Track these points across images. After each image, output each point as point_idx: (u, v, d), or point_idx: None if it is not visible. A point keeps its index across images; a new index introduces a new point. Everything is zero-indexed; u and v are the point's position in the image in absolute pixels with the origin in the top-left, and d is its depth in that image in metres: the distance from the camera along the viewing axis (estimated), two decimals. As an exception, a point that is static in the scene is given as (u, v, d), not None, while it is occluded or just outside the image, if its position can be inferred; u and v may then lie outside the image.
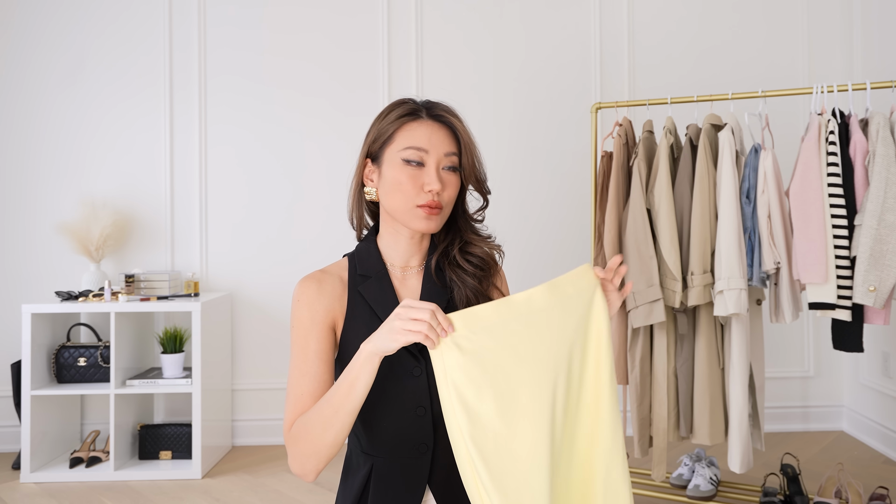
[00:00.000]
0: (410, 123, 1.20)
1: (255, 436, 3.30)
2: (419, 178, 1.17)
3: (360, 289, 1.21)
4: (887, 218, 2.00)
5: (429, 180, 1.16)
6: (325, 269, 1.24)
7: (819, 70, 3.34)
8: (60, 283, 3.22)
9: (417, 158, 1.17)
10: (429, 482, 1.19)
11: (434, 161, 1.18)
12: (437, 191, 1.16)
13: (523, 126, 3.35)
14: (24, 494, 2.69)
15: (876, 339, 3.06)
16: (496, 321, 1.05)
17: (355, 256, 1.26)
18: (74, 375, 2.94)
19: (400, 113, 1.21)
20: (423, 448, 1.18)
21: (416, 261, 1.26)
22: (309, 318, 1.17)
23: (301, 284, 1.20)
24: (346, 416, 1.06)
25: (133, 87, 3.29)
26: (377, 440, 1.20)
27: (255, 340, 3.32)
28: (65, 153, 3.27)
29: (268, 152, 3.32)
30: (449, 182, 1.19)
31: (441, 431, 1.19)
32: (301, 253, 3.29)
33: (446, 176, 1.19)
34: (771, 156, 2.20)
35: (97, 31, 3.28)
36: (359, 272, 1.23)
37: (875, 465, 2.89)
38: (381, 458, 1.20)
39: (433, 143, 1.18)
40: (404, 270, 1.25)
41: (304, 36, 3.33)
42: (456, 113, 1.23)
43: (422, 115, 1.21)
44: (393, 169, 1.19)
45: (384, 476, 1.19)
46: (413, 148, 1.18)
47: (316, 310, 1.18)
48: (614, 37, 3.36)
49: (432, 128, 1.20)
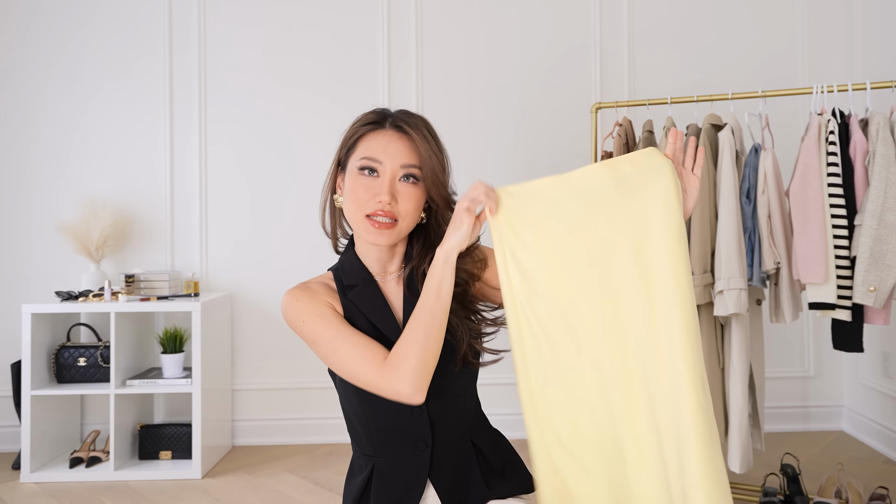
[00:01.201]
0: (371, 133, 1.19)
1: (255, 436, 3.30)
2: (372, 188, 1.16)
3: (350, 297, 1.21)
4: (887, 218, 2.00)
5: (378, 190, 1.15)
6: (309, 282, 1.24)
7: (819, 70, 3.34)
8: (60, 283, 3.22)
9: (371, 167, 1.16)
10: (429, 476, 1.20)
11: (389, 172, 1.16)
12: (386, 202, 1.14)
13: (523, 126, 3.35)
14: (24, 494, 2.69)
15: (876, 339, 3.05)
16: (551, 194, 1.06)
17: (339, 269, 1.26)
18: (74, 375, 2.94)
19: (364, 121, 1.21)
20: (421, 445, 1.19)
21: (393, 266, 1.25)
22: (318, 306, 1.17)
23: (291, 293, 1.19)
24: (441, 317, 1.09)
25: (133, 87, 3.29)
26: (377, 441, 1.21)
27: (255, 340, 3.32)
28: (64, 153, 3.27)
29: (268, 152, 3.32)
30: (405, 194, 1.16)
31: (439, 428, 1.20)
32: (301, 253, 3.29)
33: (403, 188, 1.16)
34: (771, 156, 2.20)
35: (97, 31, 3.28)
36: (345, 283, 1.23)
37: (875, 465, 2.89)
38: (382, 458, 1.21)
39: (389, 154, 1.16)
40: (383, 277, 1.25)
41: (304, 33, 3.32)
42: (420, 124, 1.19)
43: (384, 125, 1.19)
44: (351, 178, 1.19)
45: (385, 475, 1.20)
46: (367, 158, 1.17)
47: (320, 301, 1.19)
48: (614, 37, 3.36)
49: (390, 138, 1.18)
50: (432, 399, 1.18)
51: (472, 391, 1.28)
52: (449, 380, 1.19)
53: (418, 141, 1.17)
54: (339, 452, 3.15)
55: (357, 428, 1.23)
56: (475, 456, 1.25)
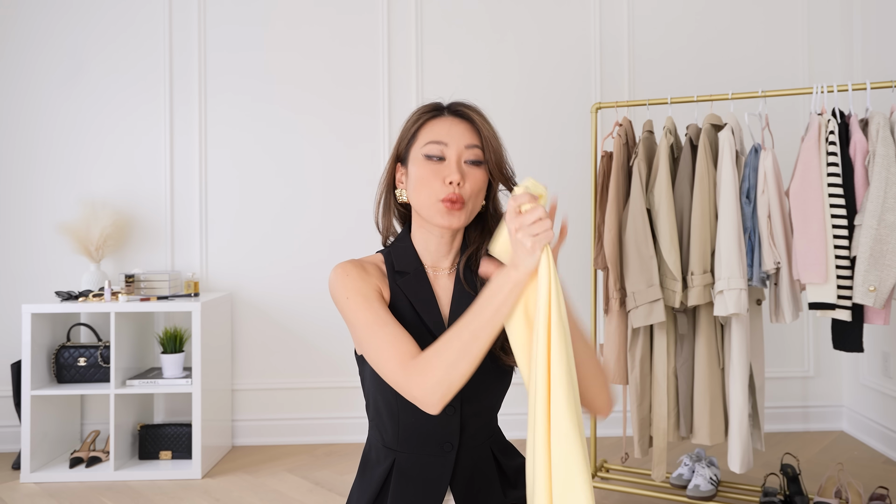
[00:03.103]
0: (431, 121, 1.22)
1: (255, 436, 3.30)
2: (441, 172, 1.17)
3: (400, 283, 1.20)
4: (887, 218, 2.00)
5: (448, 172, 1.16)
6: (361, 259, 1.23)
7: (819, 70, 3.34)
8: (60, 283, 3.22)
9: (438, 153, 1.18)
10: (450, 483, 1.19)
11: (455, 154, 1.18)
12: (457, 181, 1.15)
13: (523, 126, 3.35)
14: (24, 494, 2.69)
15: (876, 339, 3.05)
16: None
17: (391, 253, 1.25)
18: (74, 375, 2.94)
19: (422, 111, 1.24)
20: (447, 447, 1.18)
21: (447, 262, 1.25)
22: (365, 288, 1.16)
23: (343, 266, 1.18)
24: (484, 342, 1.04)
25: (133, 88, 3.29)
26: (402, 435, 1.19)
27: (255, 340, 3.32)
28: (65, 153, 3.27)
29: (268, 152, 3.32)
30: (470, 175, 1.18)
31: (467, 433, 1.19)
32: (301, 253, 3.29)
33: (468, 169, 1.19)
34: (771, 156, 2.20)
35: (98, 33, 3.28)
36: (396, 268, 1.22)
37: (875, 465, 2.89)
38: (405, 454, 1.19)
39: (452, 136, 1.19)
40: (435, 271, 1.24)
41: (305, 31, 3.33)
42: (477, 108, 1.24)
43: (442, 113, 1.23)
44: (417, 166, 1.19)
45: (406, 472, 1.18)
46: (433, 142, 1.19)
47: (369, 283, 1.17)
48: (614, 37, 3.36)
49: (452, 122, 1.21)
50: (467, 402, 1.17)
51: (502, 399, 1.26)
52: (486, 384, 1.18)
53: (479, 123, 1.21)
54: (339, 452, 3.15)
55: (384, 418, 1.20)
56: (494, 463, 1.24)
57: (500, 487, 1.23)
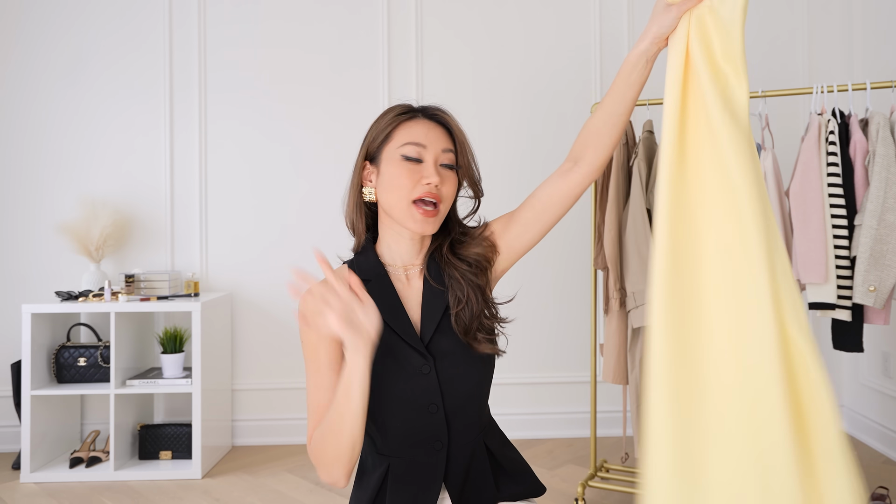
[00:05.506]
0: (408, 122, 1.23)
1: (255, 436, 3.30)
2: (417, 173, 1.18)
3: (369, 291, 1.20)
4: (887, 218, 2.00)
5: (426, 173, 1.18)
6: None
7: (819, 70, 3.34)
8: (60, 283, 3.22)
9: (416, 154, 1.19)
10: (444, 480, 1.19)
11: (432, 156, 1.20)
12: (436, 183, 1.17)
13: (523, 126, 3.35)
14: (24, 494, 2.69)
15: (876, 339, 3.05)
16: None
17: (354, 263, 1.26)
18: (74, 375, 2.94)
19: (397, 112, 1.25)
20: (437, 445, 1.18)
21: (419, 259, 1.26)
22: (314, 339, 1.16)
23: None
24: (351, 420, 1.06)
25: (133, 86, 3.29)
26: (391, 440, 1.19)
27: (255, 340, 3.32)
28: (65, 153, 3.27)
29: (268, 151, 3.32)
30: (447, 178, 1.21)
31: (455, 428, 1.20)
32: (301, 252, 3.29)
33: (444, 172, 1.21)
34: (771, 156, 2.20)
35: (97, 30, 3.28)
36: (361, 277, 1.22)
37: (875, 465, 2.89)
38: (397, 458, 1.20)
39: (430, 140, 1.21)
40: (407, 270, 1.25)
41: (305, 28, 3.33)
42: (450, 113, 1.27)
43: (418, 115, 1.25)
44: (391, 165, 1.20)
45: (400, 475, 1.19)
46: (412, 143, 1.20)
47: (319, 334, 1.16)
48: (614, 37, 3.36)
49: (429, 126, 1.23)
50: (448, 398, 1.17)
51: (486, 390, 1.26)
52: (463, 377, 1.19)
53: (454, 128, 1.25)
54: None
55: (370, 425, 1.21)
56: (487, 458, 1.25)
57: (493, 481, 1.24)
